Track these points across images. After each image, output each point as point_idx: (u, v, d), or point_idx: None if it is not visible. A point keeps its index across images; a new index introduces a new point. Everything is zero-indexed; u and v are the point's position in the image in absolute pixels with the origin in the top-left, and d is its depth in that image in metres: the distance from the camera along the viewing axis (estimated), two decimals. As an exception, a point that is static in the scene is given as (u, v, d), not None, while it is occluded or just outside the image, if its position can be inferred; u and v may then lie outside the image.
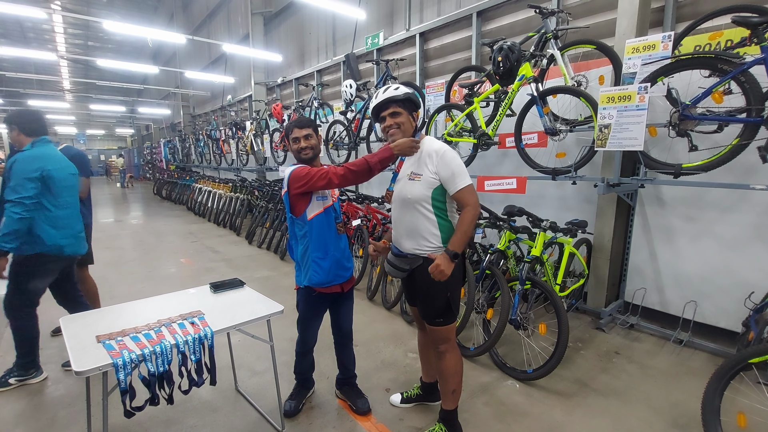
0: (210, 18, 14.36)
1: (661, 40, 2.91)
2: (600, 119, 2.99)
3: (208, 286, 2.39)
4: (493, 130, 3.78)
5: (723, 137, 2.75)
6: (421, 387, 2.51)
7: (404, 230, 2.03)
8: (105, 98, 21.56)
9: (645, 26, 3.48)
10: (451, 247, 1.87)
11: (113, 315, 2.01)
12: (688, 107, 2.70)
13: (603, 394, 2.63)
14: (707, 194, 3.24)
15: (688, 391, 2.64)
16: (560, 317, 2.64)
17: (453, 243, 1.87)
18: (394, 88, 1.98)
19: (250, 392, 2.61)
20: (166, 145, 16.85)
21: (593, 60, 3.75)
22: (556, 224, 3.27)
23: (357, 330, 3.47)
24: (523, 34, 3.98)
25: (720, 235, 3.22)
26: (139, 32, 8.03)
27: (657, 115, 3.11)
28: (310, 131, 2.21)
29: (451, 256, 1.86)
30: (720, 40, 3.10)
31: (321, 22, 8.55)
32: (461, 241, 1.87)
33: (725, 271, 3.21)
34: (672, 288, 3.53)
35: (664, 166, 2.90)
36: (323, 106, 7.08)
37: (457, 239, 1.87)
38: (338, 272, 2.22)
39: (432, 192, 1.93)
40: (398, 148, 1.95)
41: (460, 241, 1.87)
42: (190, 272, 5.48)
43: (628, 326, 3.58)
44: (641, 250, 3.69)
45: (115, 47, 21.73)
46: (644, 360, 3.06)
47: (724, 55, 2.57)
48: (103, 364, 1.50)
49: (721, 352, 3.09)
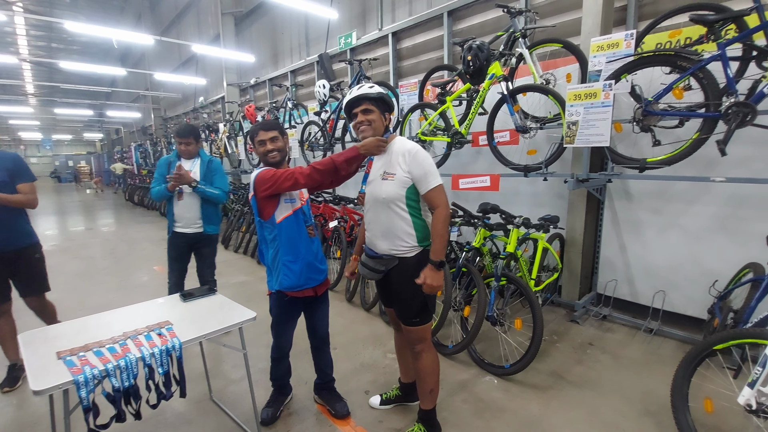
0: (179, 18, 13.99)
1: (624, 39, 2.99)
2: (568, 116, 3.06)
3: (178, 295, 2.32)
4: (466, 128, 3.82)
5: (684, 132, 2.85)
6: (400, 388, 2.51)
7: (379, 231, 2.02)
8: (71, 102, 20.72)
9: (609, 25, 3.57)
10: (434, 256, 1.88)
11: (76, 329, 1.92)
12: (650, 103, 2.78)
13: (578, 385, 2.69)
14: (672, 187, 3.36)
15: (659, 378, 2.72)
16: (535, 312, 2.68)
17: (434, 252, 1.88)
18: (368, 86, 1.98)
19: (225, 402, 2.55)
20: (138, 149, 16.32)
21: (560, 58, 3.83)
22: (529, 220, 3.32)
23: (336, 332, 3.45)
24: (494, 33, 4.02)
25: (685, 226, 3.34)
26: (103, 33, 7.73)
27: (622, 112, 3.20)
28: (276, 134, 2.18)
29: (437, 266, 1.88)
30: (679, 38, 3.21)
31: (293, 22, 8.45)
32: (440, 246, 1.89)
33: (691, 260, 3.34)
34: (641, 279, 3.64)
35: (629, 161, 2.98)
36: (297, 106, 7.00)
37: (437, 246, 1.88)
38: (310, 275, 2.19)
39: (406, 191, 1.92)
40: (365, 147, 1.94)
41: (440, 247, 1.89)
42: (164, 280, 5.28)
43: (601, 318, 3.68)
44: (611, 243, 3.80)
45: (81, 49, 20.88)
46: (617, 350, 3.15)
47: (683, 53, 2.66)
48: (62, 382, 1.43)
49: (689, 340, 3.21)
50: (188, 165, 3.25)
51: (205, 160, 3.34)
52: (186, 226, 3.30)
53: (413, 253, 1.97)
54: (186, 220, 3.28)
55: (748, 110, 2.42)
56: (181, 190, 3.20)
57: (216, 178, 3.34)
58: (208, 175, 3.30)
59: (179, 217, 3.28)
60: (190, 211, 3.27)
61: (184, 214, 3.27)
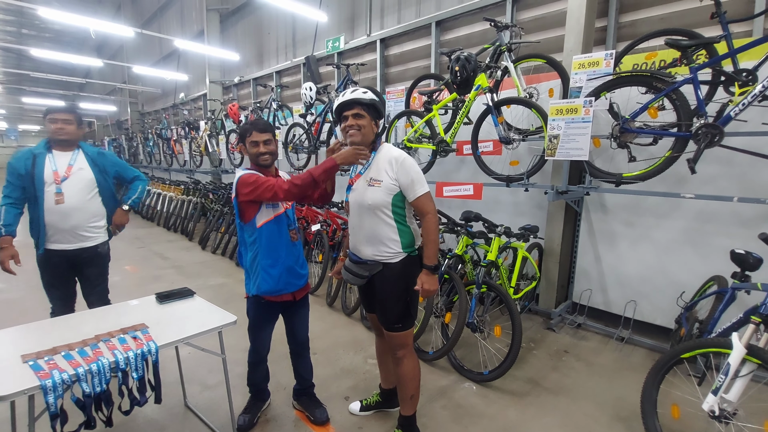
0: (161, 11, 13.63)
1: (604, 58, 3.12)
2: (550, 130, 3.15)
3: (154, 296, 2.24)
4: (451, 137, 3.87)
5: (658, 149, 2.98)
6: (380, 394, 2.50)
7: (363, 237, 2.01)
8: (40, 91, 19.80)
9: (590, 44, 3.71)
10: (428, 261, 1.93)
11: (42, 331, 1.83)
12: (627, 121, 2.90)
13: (553, 392, 2.75)
14: (645, 202, 3.50)
15: (629, 385, 2.81)
16: (514, 320, 2.73)
17: (428, 257, 1.94)
18: (362, 91, 1.97)
19: (201, 408, 2.48)
20: (111, 143, 15.74)
21: (543, 73, 3.94)
22: (510, 229, 3.40)
23: (316, 337, 3.42)
24: (480, 45, 4.12)
25: (656, 239, 3.48)
26: (80, 22, 7.44)
27: (600, 128, 3.32)
28: (269, 136, 2.14)
29: (432, 270, 1.94)
30: (655, 60, 3.37)
31: (280, 23, 8.37)
32: (434, 252, 1.94)
33: (660, 272, 3.47)
34: (614, 288, 3.77)
35: (606, 175, 3.09)
36: (282, 107, 6.93)
37: (430, 252, 1.93)
38: (290, 280, 2.17)
39: (392, 198, 1.93)
40: (341, 158, 1.95)
41: (433, 252, 1.94)
42: (135, 281, 5.13)
43: (576, 326, 3.78)
44: (587, 253, 3.92)
45: (54, 37, 20.01)
46: (590, 358, 3.24)
47: (658, 74, 2.78)
48: (28, 387, 1.36)
49: (657, 348, 3.34)
50: (65, 159, 2.56)
51: (91, 153, 2.69)
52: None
53: (397, 259, 1.98)
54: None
55: (716, 131, 2.56)
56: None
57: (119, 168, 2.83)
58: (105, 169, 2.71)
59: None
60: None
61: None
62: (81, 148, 2.66)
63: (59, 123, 2.52)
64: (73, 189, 2.53)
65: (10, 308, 3.99)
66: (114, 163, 2.80)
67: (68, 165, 2.55)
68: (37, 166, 2.45)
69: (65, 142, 2.57)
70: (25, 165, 2.43)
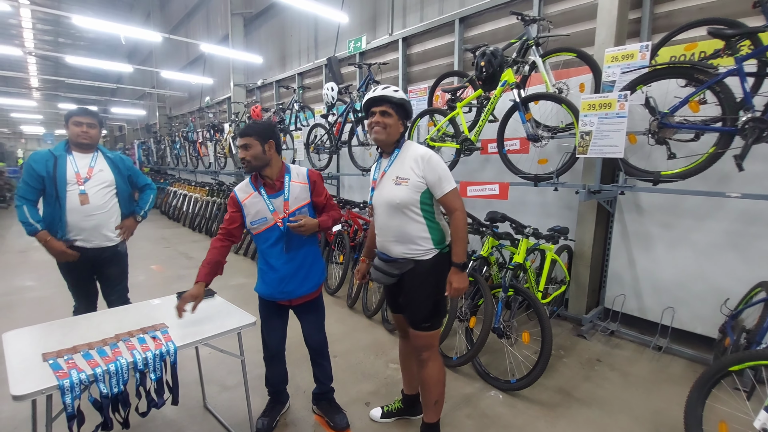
0: (188, 18, 14.01)
1: (639, 50, 2.95)
2: (581, 126, 2.99)
3: (175, 296, 2.23)
4: (475, 135, 3.75)
5: (699, 146, 2.78)
6: (402, 400, 2.41)
7: (392, 235, 1.97)
8: (75, 97, 20.69)
9: (623, 36, 3.53)
10: (457, 259, 1.90)
11: (66, 329, 1.83)
12: (666, 115, 2.72)
13: (586, 403, 2.60)
14: (684, 202, 3.29)
15: (669, 398, 2.62)
16: (544, 326, 2.59)
17: (456, 255, 1.91)
18: (393, 89, 1.94)
19: (219, 409, 2.45)
20: (140, 147, 16.28)
21: (573, 68, 3.77)
22: (539, 231, 3.25)
23: (336, 340, 3.37)
24: (505, 41, 3.98)
25: (696, 242, 3.26)
26: (110, 29, 7.69)
27: (635, 123, 3.13)
28: (246, 141, 1.98)
29: (461, 268, 1.91)
30: (695, 52, 3.16)
31: (303, 25, 8.43)
32: (463, 249, 1.91)
33: (701, 277, 3.25)
34: (650, 294, 3.55)
35: (643, 173, 2.91)
36: (304, 109, 6.95)
37: (459, 249, 1.90)
38: (282, 289, 2.10)
39: (420, 196, 1.90)
40: (302, 229, 1.99)
41: (462, 249, 1.91)
42: (160, 280, 5.22)
43: (608, 333, 3.59)
44: (620, 256, 3.71)
45: (88, 45, 20.91)
46: (625, 367, 3.05)
47: (700, 66, 2.61)
48: (46, 387, 1.34)
49: (698, 359, 3.12)
50: (86, 161, 2.59)
51: (110, 155, 2.74)
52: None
53: (429, 255, 1.94)
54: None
55: (765, 126, 2.37)
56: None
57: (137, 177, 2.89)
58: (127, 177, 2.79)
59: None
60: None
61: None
62: (99, 150, 2.70)
63: (84, 126, 2.56)
64: (95, 189, 2.57)
65: (40, 305, 4.11)
66: (128, 167, 2.84)
67: (89, 167, 2.58)
68: (59, 167, 2.47)
69: (87, 146, 2.61)
70: (45, 166, 2.44)
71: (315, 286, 2.20)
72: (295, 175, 2.14)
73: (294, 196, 2.09)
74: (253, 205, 2.07)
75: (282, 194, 2.08)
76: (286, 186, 2.09)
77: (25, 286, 4.80)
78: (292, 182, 2.10)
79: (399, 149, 1.99)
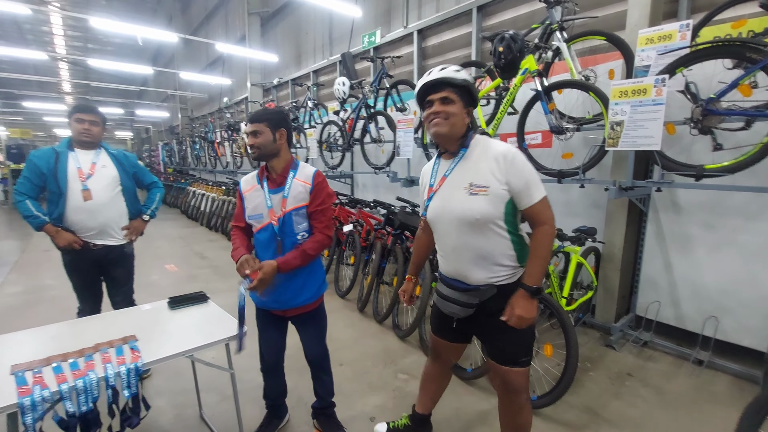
0: (208, 19, 14.21)
1: (679, 30, 2.64)
2: (611, 116, 2.71)
3: (165, 301, 2.10)
4: (493, 129, 3.50)
5: (750, 135, 2.45)
6: (411, 417, 2.19)
7: (471, 258, 1.60)
8: (103, 100, 21.43)
9: (658, 17, 3.20)
10: (530, 281, 1.52)
11: (46, 337, 1.72)
12: (712, 101, 2.41)
13: (617, 425, 2.32)
14: (729, 199, 2.94)
15: (712, 421, 2.32)
16: (568, 336, 2.33)
17: (531, 276, 1.53)
18: (454, 69, 1.55)
19: (216, 421, 2.31)
20: (164, 148, 16.65)
21: (601, 54, 3.47)
22: (563, 231, 2.98)
23: (344, 346, 3.19)
24: (525, 29, 3.70)
25: (744, 244, 2.91)
26: (129, 30, 7.79)
27: (671, 112, 2.81)
28: (256, 127, 1.83)
29: (532, 294, 1.52)
30: (741, 30, 2.82)
31: (318, 22, 8.33)
32: (542, 271, 1.53)
33: (749, 283, 2.90)
34: (689, 302, 3.22)
35: (684, 167, 2.60)
36: (318, 106, 6.82)
37: (537, 270, 1.52)
38: (276, 298, 1.91)
39: (505, 207, 1.53)
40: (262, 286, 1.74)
41: (541, 271, 1.53)
42: (173, 280, 5.19)
43: (641, 344, 3.27)
44: (655, 259, 3.38)
45: (115, 49, 21.59)
46: (661, 383, 2.75)
47: (753, 43, 2.28)
48: (4, 405, 1.21)
49: (745, 375, 2.78)
50: (88, 157, 2.54)
51: (114, 152, 2.69)
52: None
53: (516, 277, 1.60)
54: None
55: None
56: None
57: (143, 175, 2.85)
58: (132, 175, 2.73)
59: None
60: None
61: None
62: (103, 147, 2.65)
63: (86, 124, 2.51)
64: (99, 185, 2.52)
65: (55, 305, 4.11)
66: (133, 164, 2.78)
67: (92, 163, 2.55)
68: (60, 164, 2.43)
69: (89, 143, 2.56)
70: (47, 163, 2.40)
71: (313, 297, 1.99)
72: (300, 172, 1.93)
73: (293, 195, 1.88)
74: (253, 199, 1.92)
75: (282, 190, 1.88)
76: (288, 182, 1.88)
77: (44, 285, 4.85)
78: (295, 179, 1.89)
79: (466, 147, 1.61)
